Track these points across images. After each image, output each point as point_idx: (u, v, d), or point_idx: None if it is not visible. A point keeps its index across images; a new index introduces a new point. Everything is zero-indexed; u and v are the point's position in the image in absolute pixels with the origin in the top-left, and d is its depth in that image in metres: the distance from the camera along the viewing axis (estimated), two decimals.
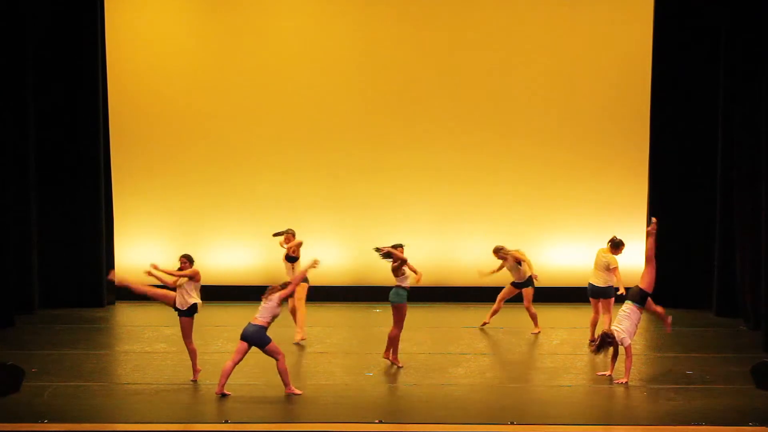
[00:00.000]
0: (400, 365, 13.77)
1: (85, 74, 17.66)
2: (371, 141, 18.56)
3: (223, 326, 16.07)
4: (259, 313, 12.45)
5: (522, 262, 15.78)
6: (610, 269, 14.71)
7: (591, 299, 14.98)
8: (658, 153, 18.07)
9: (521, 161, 18.52)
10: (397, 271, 13.62)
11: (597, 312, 14.95)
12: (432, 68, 18.42)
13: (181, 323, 13.01)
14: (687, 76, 17.74)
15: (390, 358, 13.85)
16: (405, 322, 13.77)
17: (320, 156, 18.51)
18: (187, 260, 13.04)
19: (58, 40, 17.55)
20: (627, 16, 18.29)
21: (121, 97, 18.27)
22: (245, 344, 12.41)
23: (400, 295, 13.65)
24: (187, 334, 13.01)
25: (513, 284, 15.92)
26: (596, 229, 17.67)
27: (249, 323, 12.42)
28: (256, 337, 12.36)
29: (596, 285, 14.84)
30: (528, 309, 15.83)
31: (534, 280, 15.87)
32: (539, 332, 15.76)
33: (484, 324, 16.15)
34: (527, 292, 15.81)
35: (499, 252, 15.86)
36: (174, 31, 18.52)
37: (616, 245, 14.76)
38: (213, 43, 18.48)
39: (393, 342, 13.82)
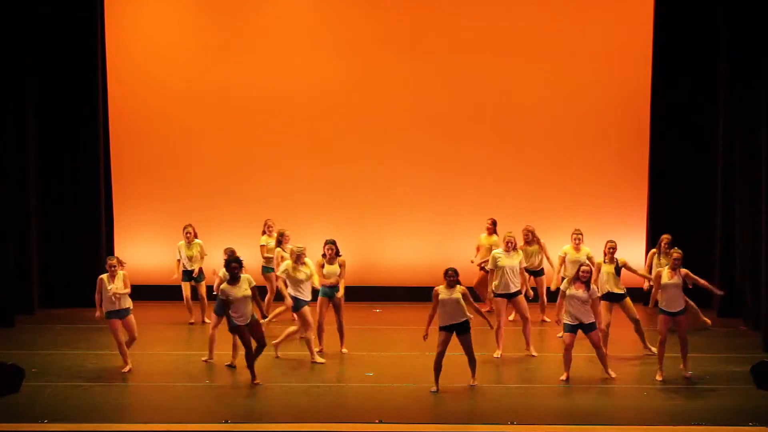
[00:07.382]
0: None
1: (86, 74, 17.66)
2: (371, 143, 18.54)
3: (221, 325, 16.03)
4: None
5: None
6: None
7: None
8: (658, 153, 18.06)
9: (521, 162, 18.52)
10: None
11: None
12: (432, 70, 18.40)
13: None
14: (687, 77, 17.73)
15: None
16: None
17: (321, 156, 18.51)
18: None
19: (58, 40, 17.54)
20: (627, 17, 18.29)
21: (122, 98, 18.28)
22: None
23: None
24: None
25: None
26: (596, 230, 17.64)
27: None
28: None
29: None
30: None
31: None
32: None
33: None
34: None
35: None
36: (174, 32, 18.53)
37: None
38: (213, 43, 18.48)
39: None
